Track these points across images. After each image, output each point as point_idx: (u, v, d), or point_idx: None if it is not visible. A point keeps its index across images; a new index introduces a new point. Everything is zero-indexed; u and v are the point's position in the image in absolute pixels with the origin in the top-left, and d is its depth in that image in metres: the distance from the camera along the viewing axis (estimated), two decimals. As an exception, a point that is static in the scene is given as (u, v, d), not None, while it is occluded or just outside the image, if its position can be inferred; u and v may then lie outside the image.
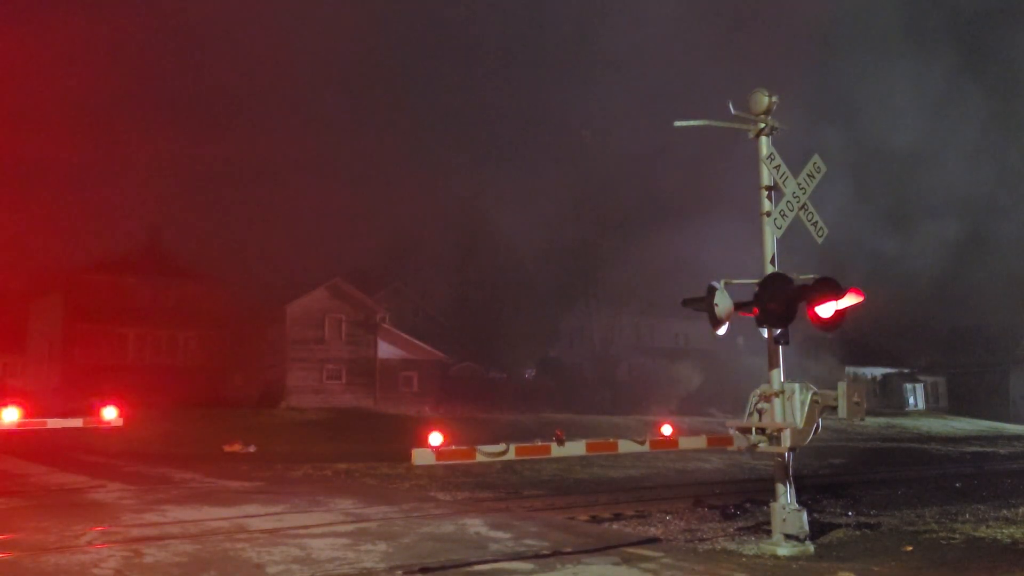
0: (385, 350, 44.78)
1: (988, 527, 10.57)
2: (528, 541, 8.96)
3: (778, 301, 8.62)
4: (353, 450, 26.09)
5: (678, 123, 9.85)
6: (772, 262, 9.24)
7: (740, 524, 11.40)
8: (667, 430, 8.64)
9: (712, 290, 8.94)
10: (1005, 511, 12.25)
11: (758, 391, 9.09)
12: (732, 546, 9.43)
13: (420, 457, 7.00)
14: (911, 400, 58.40)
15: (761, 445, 8.72)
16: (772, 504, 8.99)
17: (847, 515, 12.33)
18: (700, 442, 9.17)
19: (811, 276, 8.85)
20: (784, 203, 9.31)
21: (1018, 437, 39.35)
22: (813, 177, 9.51)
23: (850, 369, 53.04)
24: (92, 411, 12.08)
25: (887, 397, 56.20)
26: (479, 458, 7.34)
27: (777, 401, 8.89)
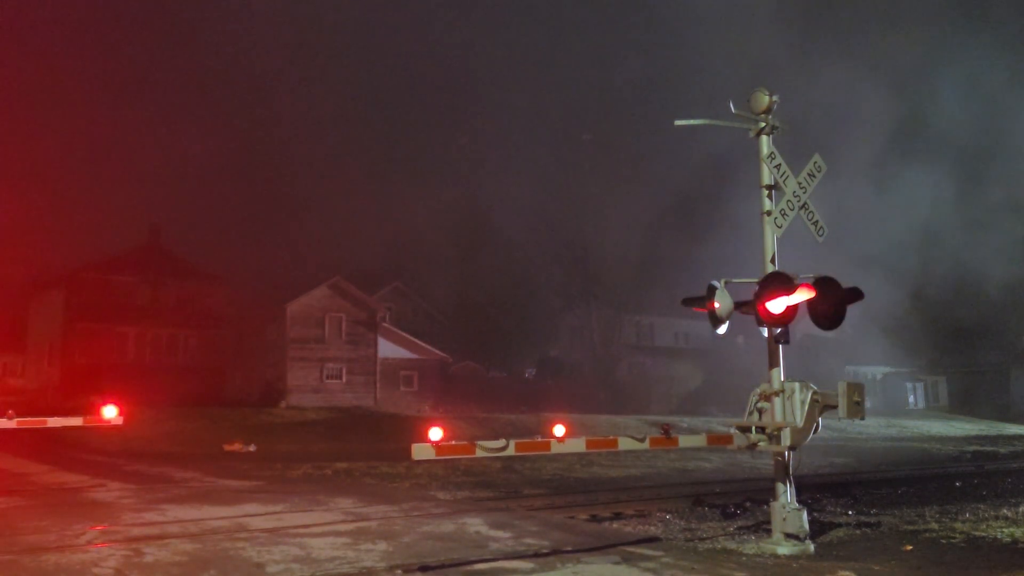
0: (385, 349, 44.80)
1: (988, 526, 10.56)
2: (528, 540, 8.96)
3: (778, 300, 8.61)
4: (353, 449, 26.11)
5: (678, 122, 9.85)
6: (772, 261, 9.24)
7: (740, 523, 11.40)
8: (666, 428, 8.63)
9: (712, 289, 8.95)
10: (1005, 510, 12.24)
11: (758, 390, 9.09)
12: (732, 545, 9.42)
13: (420, 452, 7.00)
14: (911, 399, 58.40)
15: (761, 444, 8.71)
16: (772, 503, 8.99)
17: (847, 514, 12.32)
18: (700, 440, 9.15)
19: (811, 275, 8.85)
20: (784, 202, 9.31)
21: (1019, 436, 39.33)
22: (814, 176, 9.52)
23: (850, 368, 53.07)
24: (92, 410, 12.07)
25: (887, 396, 56.22)
26: (479, 453, 7.33)
27: (777, 400, 8.89)
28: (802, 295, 8.52)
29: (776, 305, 8.62)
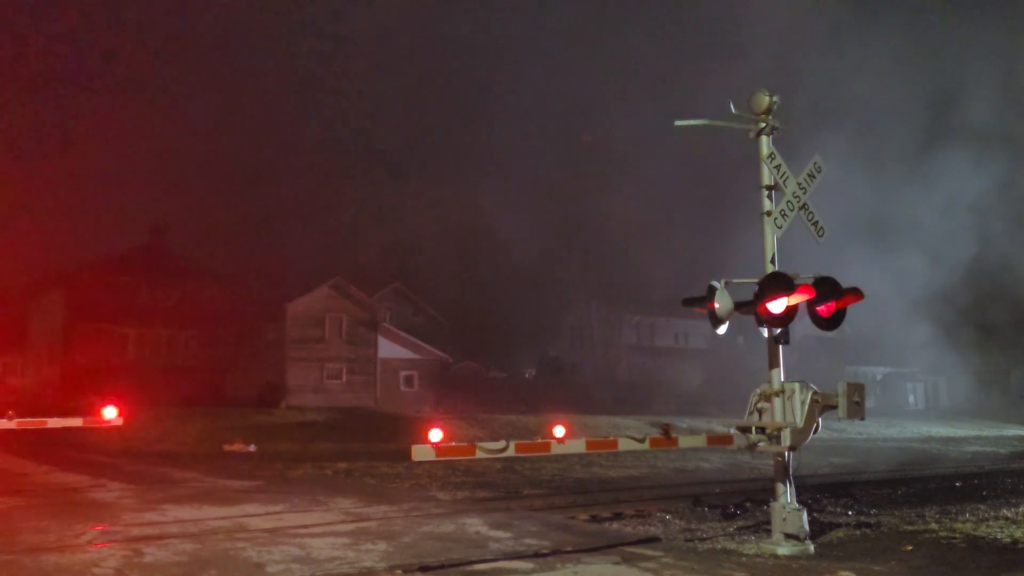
0: (385, 349, 44.80)
1: (988, 527, 10.56)
2: (528, 540, 8.95)
3: (778, 301, 8.61)
4: (353, 449, 26.11)
5: (678, 123, 9.85)
6: (772, 261, 9.24)
7: (740, 523, 11.40)
8: (666, 428, 8.63)
9: (712, 290, 8.94)
10: (1006, 511, 12.24)
11: (758, 390, 9.09)
12: (732, 545, 9.42)
13: (420, 453, 7.00)
14: (911, 399, 58.37)
15: (761, 444, 8.71)
16: (772, 503, 8.99)
17: (847, 514, 12.32)
18: (700, 441, 9.16)
19: (811, 276, 8.85)
20: (784, 203, 9.32)
21: (1019, 437, 39.33)
22: (814, 177, 9.52)
23: (850, 368, 53.05)
24: (92, 410, 12.07)
25: (887, 396, 56.20)
26: (479, 454, 7.34)
27: (777, 400, 8.89)
28: (801, 296, 8.52)
29: (776, 305, 8.62)
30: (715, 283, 8.96)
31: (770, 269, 9.16)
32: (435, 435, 7.00)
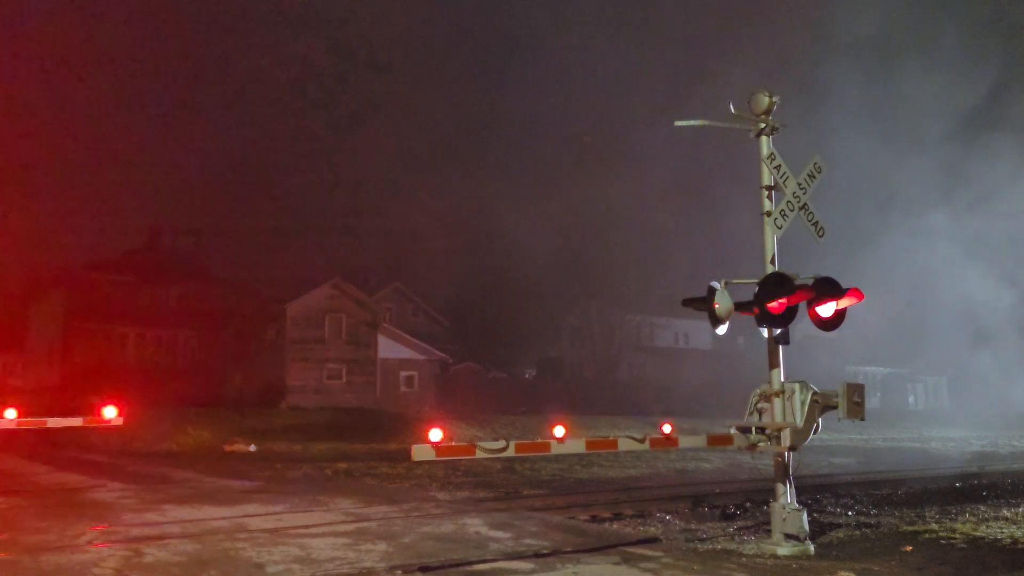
0: (385, 349, 44.79)
1: (988, 527, 10.57)
2: (528, 541, 8.95)
3: (778, 301, 8.61)
4: (353, 449, 26.13)
5: (678, 123, 9.84)
6: (772, 262, 9.24)
7: (740, 524, 11.41)
8: (666, 428, 8.63)
9: (712, 290, 8.94)
10: (1006, 511, 12.26)
11: (758, 391, 9.08)
12: (732, 546, 9.43)
13: (420, 453, 7.00)
14: (911, 399, 58.33)
15: (761, 444, 8.71)
16: (772, 504, 8.99)
17: (847, 515, 12.33)
18: (700, 441, 9.14)
19: (811, 276, 8.85)
20: (784, 203, 9.31)
21: (1019, 437, 39.32)
22: (814, 177, 9.51)
23: (851, 368, 53.01)
24: (92, 410, 12.07)
25: (887, 397, 56.17)
26: (479, 454, 7.33)
27: (777, 401, 8.89)
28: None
29: (776, 306, 8.62)
30: (715, 283, 8.95)
31: (770, 269, 9.15)
32: (435, 435, 7.00)
